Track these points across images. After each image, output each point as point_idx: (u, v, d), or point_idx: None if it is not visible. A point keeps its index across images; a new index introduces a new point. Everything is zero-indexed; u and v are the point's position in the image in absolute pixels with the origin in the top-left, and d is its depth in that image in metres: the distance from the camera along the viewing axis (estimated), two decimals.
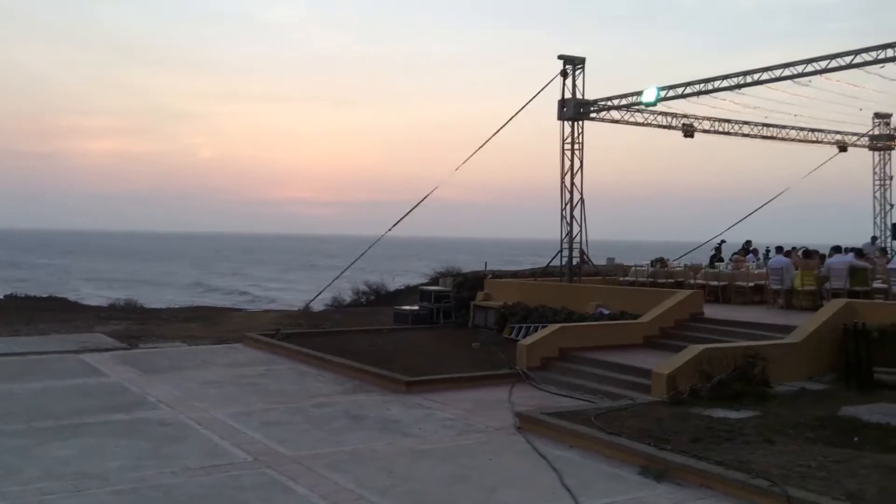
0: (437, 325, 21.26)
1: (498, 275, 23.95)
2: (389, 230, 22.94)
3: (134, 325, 21.93)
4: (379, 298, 32.09)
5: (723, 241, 25.01)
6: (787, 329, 13.74)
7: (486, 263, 29.00)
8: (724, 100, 20.05)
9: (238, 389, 12.98)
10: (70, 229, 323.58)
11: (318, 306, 28.93)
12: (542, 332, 14.85)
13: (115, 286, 65.73)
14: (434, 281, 27.01)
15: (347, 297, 33.06)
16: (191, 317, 24.83)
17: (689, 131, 23.16)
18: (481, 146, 22.57)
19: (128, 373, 14.30)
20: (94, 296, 47.76)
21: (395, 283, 36.20)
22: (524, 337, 15.83)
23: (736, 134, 24.37)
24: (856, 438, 9.03)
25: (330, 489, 7.74)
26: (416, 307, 22.09)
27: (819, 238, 28.97)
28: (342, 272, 23.67)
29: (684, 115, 22.80)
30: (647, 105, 20.57)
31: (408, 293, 30.31)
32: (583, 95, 21.30)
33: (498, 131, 22.30)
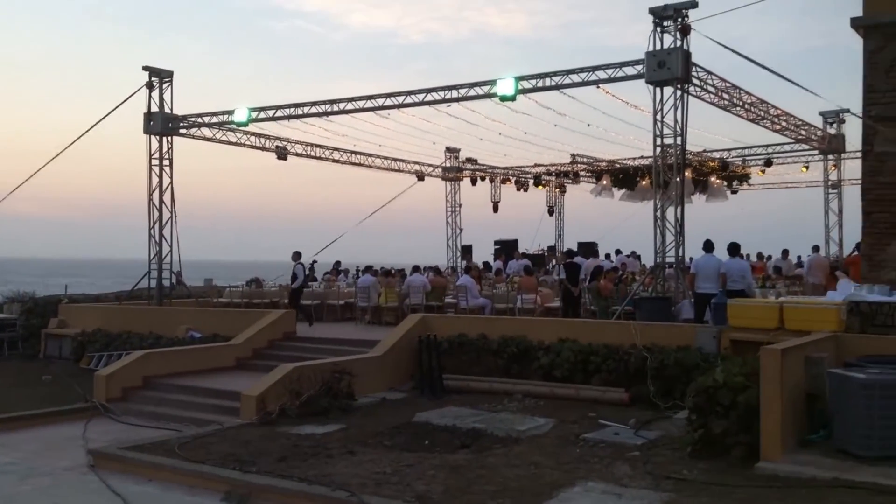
0: None
1: (76, 299, 21.76)
2: None
3: None
4: None
5: (315, 262, 25.84)
6: (372, 343, 14.57)
7: (66, 286, 26.29)
8: (315, 125, 20.84)
9: None
10: None
11: None
12: (123, 360, 13.82)
13: None
14: None
15: None
16: None
17: (282, 154, 23.55)
18: (52, 159, 20.42)
19: None
20: None
21: None
22: (105, 366, 14.57)
23: (327, 159, 25.36)
24: (427, 441, 9.82)
25: None
26: None
27: (410, 258, 31.43)
28: None
29: (277, 138, 23.13)
30: (239, 125, 20.51)
31: None
32: (171, 110, 20.46)
33: (73, 143, 20.39)
